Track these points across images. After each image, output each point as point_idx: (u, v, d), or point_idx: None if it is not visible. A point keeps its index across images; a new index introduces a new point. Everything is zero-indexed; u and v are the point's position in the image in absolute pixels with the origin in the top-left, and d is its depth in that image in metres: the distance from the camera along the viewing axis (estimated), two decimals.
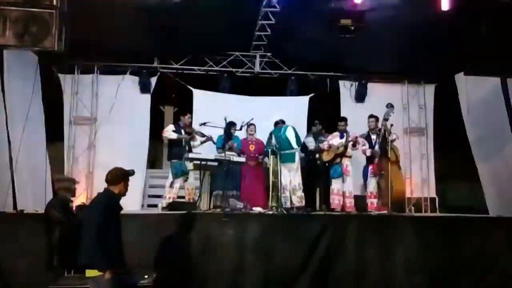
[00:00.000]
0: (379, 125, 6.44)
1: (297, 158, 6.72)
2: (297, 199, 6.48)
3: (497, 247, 5.31)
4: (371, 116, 6.71)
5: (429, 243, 5.27)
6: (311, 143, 7.06)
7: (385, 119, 6.21)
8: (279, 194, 6.35)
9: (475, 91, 7.47)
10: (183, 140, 6.52)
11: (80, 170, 7.57)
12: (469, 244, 5.31)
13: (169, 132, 6.56)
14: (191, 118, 6.93)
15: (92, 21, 5.87)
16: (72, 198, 4.54)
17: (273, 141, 6.39)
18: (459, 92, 7.72)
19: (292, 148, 6.60)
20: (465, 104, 7.68)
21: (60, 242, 3.77)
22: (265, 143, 6.92)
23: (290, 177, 6.56)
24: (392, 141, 6.30)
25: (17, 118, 6.23)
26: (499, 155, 7.27)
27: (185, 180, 6.45)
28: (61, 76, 7.66)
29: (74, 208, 4.78)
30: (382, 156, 6.29)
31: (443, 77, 8.10)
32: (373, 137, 6.59)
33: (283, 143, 6.50)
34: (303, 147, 7.18)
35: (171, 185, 6.40)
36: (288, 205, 6.33)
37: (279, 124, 6.91)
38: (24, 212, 5.45)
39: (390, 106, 6.25)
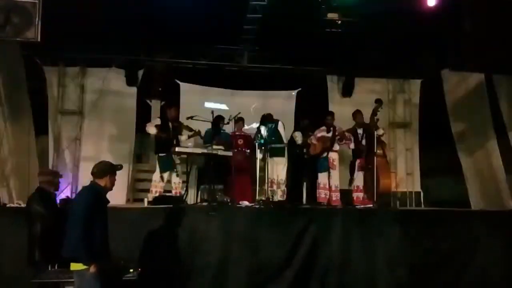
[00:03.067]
0: (366, 120, 6.49)
1: (285, 153, 6.76)
2: (281, 193, 6.55)
3: (478, 241, 5.41)
4: (357, 111, 6.76)
5: (413, 236, 5.34)
6: (298, 137, 7.09)
7: (374, 114, 6.27)
8: (267, 187, 6.37)
9: (460, 87, 7.58)
10: (171, 133, 6.46)
11: (65, 163, 7.48)
12: (452, 237, 5.40)
13: (150, 127, 6.47)
14: (178, 111, 6.86)
15: (77, 12, 5.79)
16: (55, 192, 4.48)
17: (263, 133, 6.39)
18: (445, 87, 7.82)
19: (283, 142, 6.66)
20: (450, 99, 7.79)
21: (41, 236, 3.72)
22: (253, 137, 6.92)
23: (278, 171, 6.59)
24: (380, 136, 6.37)
25: (0, 110, 6.12)
26: (482, 150, 7.40)
27: (177, 175, 6.40)
28: (45, 68, 7.53)
29: (57, 202, 4.72)
30: (369, 151, 6.35)
31: (429, 72, 8.19)
32: (360, 131, 6.64)
33: (274, 137, 6.52)
34: (291, 141, 7.21)
35: (159, 179, 6.35)
36: (276, 198, 6.36)
37: (268, 118, 6.89)
38: (7, 205, 5.37)
39: (378, 101, 6.31)
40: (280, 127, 6.67)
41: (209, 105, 7.48)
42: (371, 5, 5.86)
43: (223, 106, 7.18)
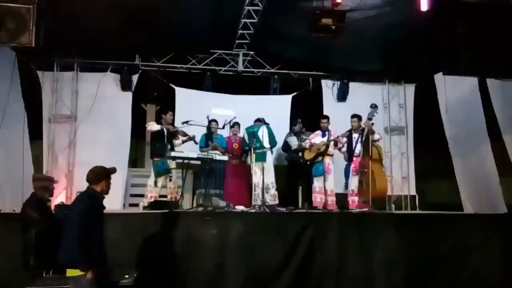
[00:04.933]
0: (362, 124, 6.52)
1: (268, 157, 6.74)
2: (271, 197, 6.54)
3: (473, 244, 5.44)
4: (353, 115, 6.78)
5: (408, 240, 5.35)
6: (293, 142, 7.10)
7: (369, 119, 6.30)
8: (262, 192, 6.37)
9: (453, 90, 7.62)
10: (166, 137, 6.45)
11: (59, 169, 7.44)
12: (446, 241, 5.42)
13: (152, 124, 6.50)
14: (173, 116, 6.87)
15: (72, 17, 5.78)
16: (50, 198, 4.45)
17: (246, 139, 6.39)
18: (438, 91, 7.86)
19: (263, 147, 6.63)
20: (444, 103, 7.83)
21: (36, 242, 3.70)
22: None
23: (262, 176, 6.56)
24: (375, 140, 6.39)
25: None
26: (475, 154, 7.44)
27: (170, 180, 6.38)
28: (39, 73, 7.51)
29: (52, 208, 4.69)
30: (364, 155, 6.36)
31: (423, 77, 8.24)
32: (355, 135, 6.66)
33: (256, 142, 6.49)
34: (286, 145, 7.22)
35: (154, 184, 6.33)
36: (259, 202, 6.34)
37: (258, 122, 6.89)
38: (1, 211, 5.33)
39: (374, 106, 6.34)
40: (263, 132, 6.65)
41: (204, 109, 7.49)
42: (365, 10, 5.91)
43: (229, 112, 7.25)
